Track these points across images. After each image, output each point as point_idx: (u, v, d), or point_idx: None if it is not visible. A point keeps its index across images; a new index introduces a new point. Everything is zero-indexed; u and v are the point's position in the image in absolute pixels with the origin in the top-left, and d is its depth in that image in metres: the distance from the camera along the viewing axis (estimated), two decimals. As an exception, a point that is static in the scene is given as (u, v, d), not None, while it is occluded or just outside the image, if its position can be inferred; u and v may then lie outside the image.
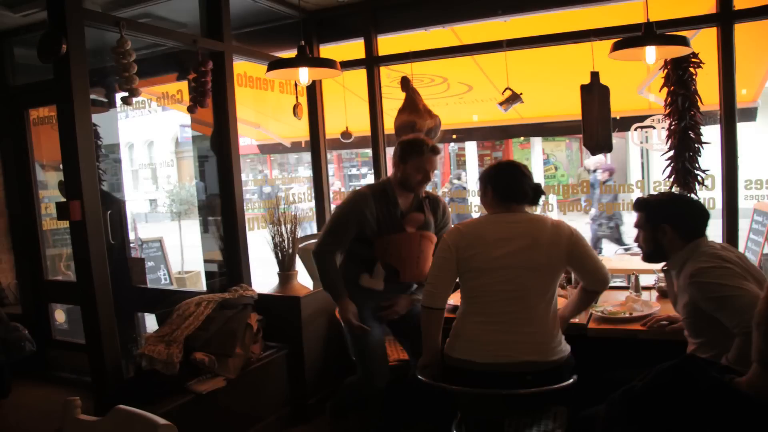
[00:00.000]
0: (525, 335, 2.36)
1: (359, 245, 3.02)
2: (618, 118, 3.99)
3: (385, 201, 3.01)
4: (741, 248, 3.63)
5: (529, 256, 2.38)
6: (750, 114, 5.41)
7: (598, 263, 2.53)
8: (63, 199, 2.86)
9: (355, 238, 3.01)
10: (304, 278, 3.91)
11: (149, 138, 20.44)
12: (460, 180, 11.02)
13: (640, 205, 2.55)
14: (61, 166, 2.90)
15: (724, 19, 3.28)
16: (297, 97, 3.96)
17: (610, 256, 5.70)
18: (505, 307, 2.38)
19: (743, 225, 3.44)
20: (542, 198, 2.60)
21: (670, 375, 1.12)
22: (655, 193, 2.86)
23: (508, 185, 2.53)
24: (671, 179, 3.47)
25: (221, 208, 3.81)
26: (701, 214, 2.46)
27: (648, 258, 2.56)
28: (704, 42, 3.43)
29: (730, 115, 3.30)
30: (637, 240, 2.58)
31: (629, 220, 3.70)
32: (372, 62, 4.22)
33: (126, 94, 3.04)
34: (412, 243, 3.00)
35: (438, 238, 3.03)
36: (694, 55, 3.33)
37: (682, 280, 2.34)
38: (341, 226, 3.01)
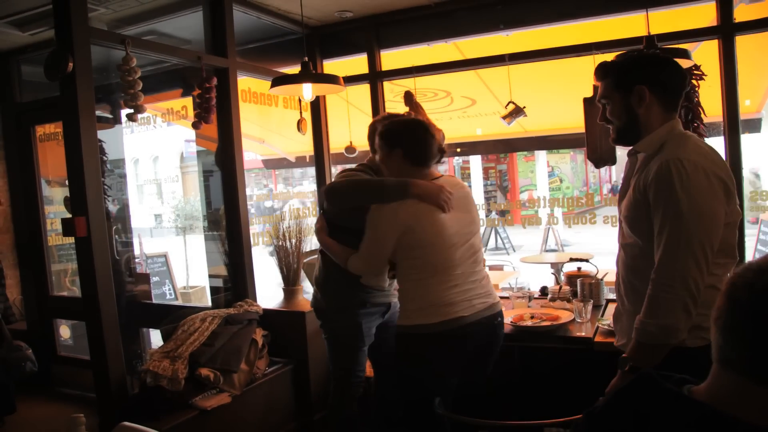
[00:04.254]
0: (481, 283, 2.49)
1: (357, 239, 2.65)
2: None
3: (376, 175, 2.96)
4: (748, 259, 3.61)
5: (471, 220, 2.52)
6: (754, 125, 5.40)
7: None
8: (68, 215, 2.87)
9: (350, 232, 2.64)
10: (309, 293, 3.90)
11: (154, 153, 20.54)
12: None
13: (604, 69, 2.01)
14: (66, 182, 2.91)
15: (725, 32, 3.30)
16: (301, 113, 3.98)
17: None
18: (467, 268, 2.45)
19: (750, 233, 3.42)
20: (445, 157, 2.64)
21: (626, 392, 1.10)
22: None
23: (422, 148, 2.49)
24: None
25: (226, 223, 3.82)
26: (682, 75, 1.97)
27: (620, 136, 2.01)
28: (706, 54, 3.45)
29: (733, 127, 3.31)
30: (603, 118, 2.05)
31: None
32: (375, 77, 4.25)
33: (131, 110, 3.07)
34: None
35: None
36: (696, 67, 3.33)
37: (652, 164, 1.87)
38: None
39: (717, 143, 3.39)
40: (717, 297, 1.88)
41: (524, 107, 3.75)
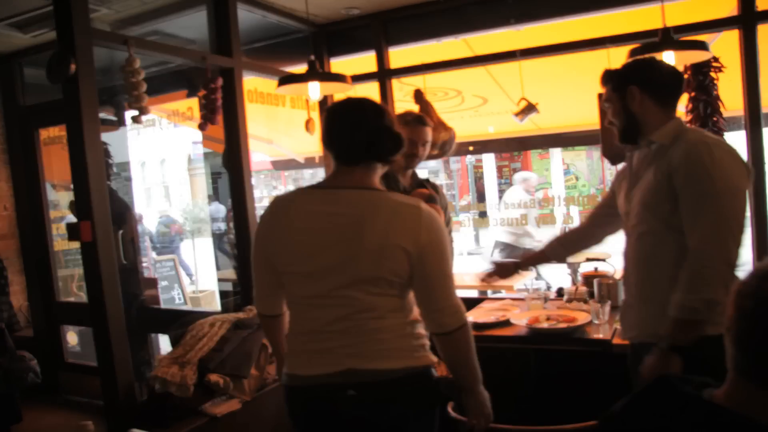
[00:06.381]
0: (348, 346, 1.78)
1: None
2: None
3: (391, 180, 2.73)
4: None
5: (349, 261, 1.74)
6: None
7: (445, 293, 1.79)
8: (74, 220, 2.84)
9: None
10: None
11: (161, 155, 20.61)
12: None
13: (606, 76, 2.18)
14: (72, 186, 2.88)
15: (747, 21, 3.20)
16: (308, 112, 3.93)
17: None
18: (327, 325, 1.79)
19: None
20: (389, 153, 1.82)
21: (644, 396, 1.09)
22: None
23: (331, 134, 1.86)
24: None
25: (234, 226, 3.78)
26: (673, 73, 2.12)
27: (624, 135, 2.14)
28: (726, 44, 3.36)
29: (755, 120, 3.21)
30: (610, 123, 2.18)
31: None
32: (384, 75, 4.19)
33: (136, 112, 3.03)
34: None
35: None
36: (715, 59, 3.26)
37: (673, 150, 1.96)
38: None
39: (738, 137, 3.31)
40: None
41: (537, 104, 3.69)
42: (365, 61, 4.30)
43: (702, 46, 2.83)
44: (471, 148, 8.13)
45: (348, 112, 1.85)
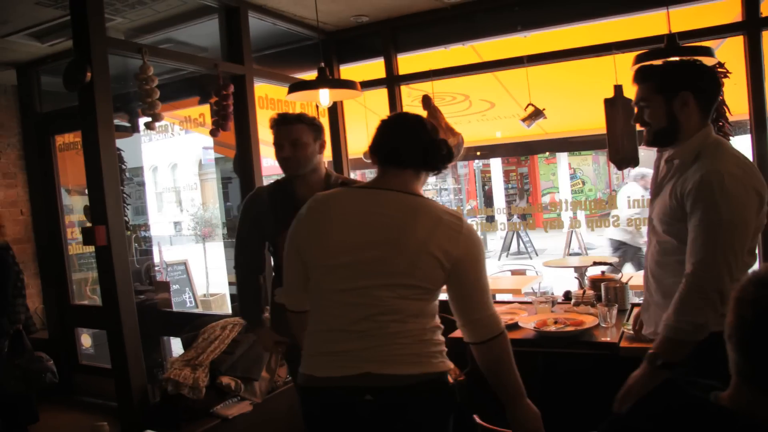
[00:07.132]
0: (368, 349, 1.76)
1: (272, 254, 2.60)
2: (644, 130, 3.93)
3: (281, 193, 2.61)
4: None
5: (384, 259, 1.75)
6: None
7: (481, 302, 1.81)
8: (89, 224, 2.88)
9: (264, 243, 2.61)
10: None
11: (173, 161, 20.71)
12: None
13: (646, 73, 2.04)
14: (86, 191, 2.92)
15: (751, 27, 3.23)
16: (318, 118, 3.96)
17: (640, 272, 5.57)
18: (349, 324, 1.78)
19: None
20: (444, 161, 1.88)
21: (652, 400, 1.11)
22: None
23: (388, 140, 1.89)
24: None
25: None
26: (717, 80, 2.06)
27: (656, 138, 2.05)
28: (731, 50, 3.38)
29: (760, 125, 3.24)
30: (638, 119, 2.06)
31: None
32: (393, 81, 4.22)
33: (149, 119, 3.07)
34: None
35: None
36: (720, 65, 3.27)
37: (690, 173, 1.93)
38: (239, 231, 2.62)
39: (743, 142, 3.33)
40: None
41: (544, 109, 3.71)
42: (374, 67, 4.34)
43: (707, 52, 2.84)
44: (478, 153, 8.15)
45: (408, 123, 1.90)
